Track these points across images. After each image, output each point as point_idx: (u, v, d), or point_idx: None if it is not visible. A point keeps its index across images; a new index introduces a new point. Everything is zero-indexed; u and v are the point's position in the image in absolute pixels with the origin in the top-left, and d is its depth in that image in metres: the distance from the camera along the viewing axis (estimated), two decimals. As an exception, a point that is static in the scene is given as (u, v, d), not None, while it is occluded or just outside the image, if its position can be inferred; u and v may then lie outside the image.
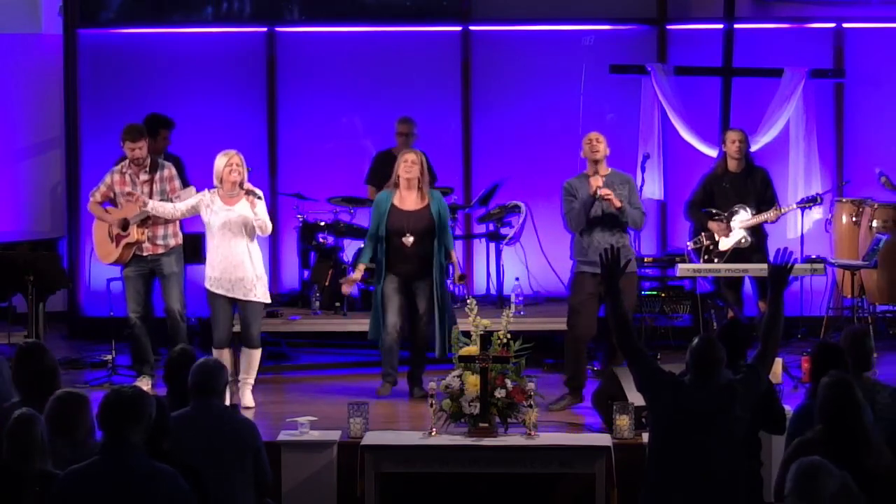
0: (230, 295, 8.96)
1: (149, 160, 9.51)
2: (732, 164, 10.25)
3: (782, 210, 10.20)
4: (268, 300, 9.16)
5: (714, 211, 10.16)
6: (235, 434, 6.39)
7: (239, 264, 8.92)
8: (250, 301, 8.97)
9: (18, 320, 10.48)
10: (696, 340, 6.21)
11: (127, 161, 9.52)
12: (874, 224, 10.97)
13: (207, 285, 9.03)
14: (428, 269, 9.18)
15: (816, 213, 11.20)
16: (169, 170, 9.54)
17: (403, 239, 9.17)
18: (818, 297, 11.23)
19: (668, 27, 12.03)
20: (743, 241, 10.11)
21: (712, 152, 11.49)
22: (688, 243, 10.33)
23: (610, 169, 9.08)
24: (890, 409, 6.33)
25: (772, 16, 12.09)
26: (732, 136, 10.27)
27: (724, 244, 10.11)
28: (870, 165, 11.33)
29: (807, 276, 10.39)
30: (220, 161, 8.95)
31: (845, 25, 11.96)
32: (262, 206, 8.95)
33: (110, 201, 9.58)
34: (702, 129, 11.61)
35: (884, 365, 10.02)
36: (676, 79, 11.62)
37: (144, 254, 9.48)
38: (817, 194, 10.52)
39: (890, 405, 6.37)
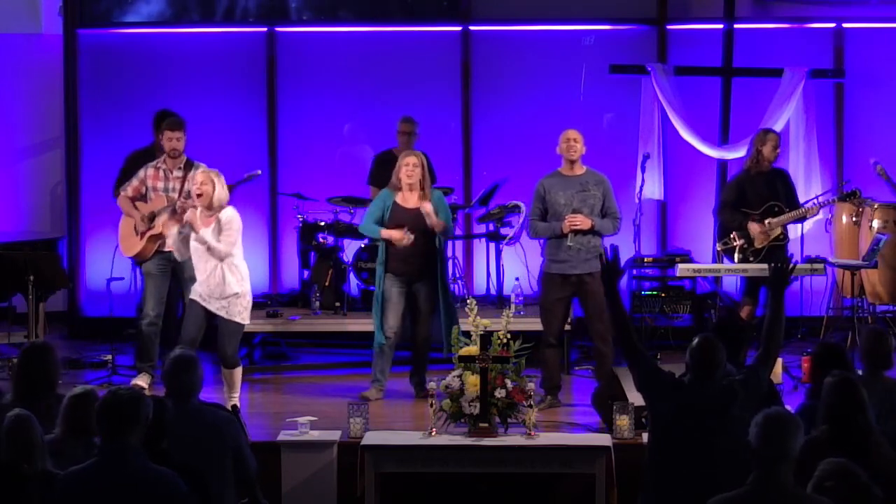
0: (205, 305, 8.72)
1: (184, 157, 9.48)
2: (765, 166, 10.22)
3: (820, 204, 10.25)
4: (243, 321, 8.77)
5: (749, 211, 10.12)
6: (214, 434, 6.26)
7: (215, 283, 8.67)
8: (224, 319, 8.71)
9: (18, 320, 10.47)
10: (695, 340, 6.19)
11: (164, 156, 9.49)
12: (874, 224, 10.96)
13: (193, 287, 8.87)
14: (429, 269, 9.16)
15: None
16: None
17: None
18: (818, 297, 11.22)
19: (668, 27, 12.02)
20: (782, 236, 10.10)
21: (712, 152, 11.49)
22: (717, 245, 10.28)
23: (585, 168, 9.17)
24: None
25: (772, 16, 12.08)
26: (774, 139, 10.25)
27: (761, 242, 10.07)
28: (870, 166, 11.31)
29: (807, 276, 10.39)
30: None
31: (845, 25, 11.95)
32: (208, 232, 8.61)
33: (141, 197, 9.55)
34: (702, 129, 11.59)
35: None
36: (676, 79, 11.61)
37: (167, 249, 9.39)
38: (857, 189, 10.46)
39: None
